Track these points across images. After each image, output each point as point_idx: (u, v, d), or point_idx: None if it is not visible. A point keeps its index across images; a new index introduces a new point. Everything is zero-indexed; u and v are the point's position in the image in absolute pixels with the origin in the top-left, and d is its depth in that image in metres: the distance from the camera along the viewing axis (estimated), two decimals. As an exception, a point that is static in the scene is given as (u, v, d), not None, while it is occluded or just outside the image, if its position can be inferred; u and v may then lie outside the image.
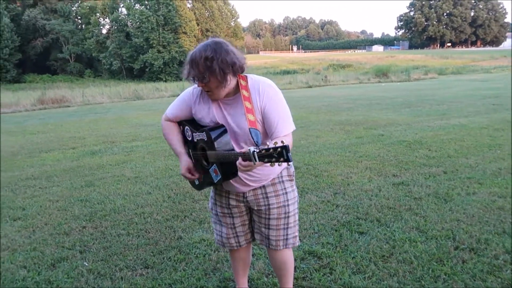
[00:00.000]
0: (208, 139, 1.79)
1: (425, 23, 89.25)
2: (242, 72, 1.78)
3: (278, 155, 1.43)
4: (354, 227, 3.19)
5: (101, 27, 53.89)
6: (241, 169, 1.59)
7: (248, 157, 1.51)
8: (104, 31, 54.18)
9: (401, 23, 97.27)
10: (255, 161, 1.48)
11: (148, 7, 49.93)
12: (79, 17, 55.08)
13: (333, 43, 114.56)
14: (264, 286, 2.47)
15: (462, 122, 7.90)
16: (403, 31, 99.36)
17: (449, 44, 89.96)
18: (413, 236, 2.99)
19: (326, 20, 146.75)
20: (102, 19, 54.48)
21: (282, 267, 2.11)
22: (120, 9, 52.31)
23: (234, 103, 1.82)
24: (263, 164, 1.48)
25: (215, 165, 1.80)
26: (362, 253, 2.78)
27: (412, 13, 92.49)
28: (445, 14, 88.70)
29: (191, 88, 1.93)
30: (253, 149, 1.48)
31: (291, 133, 1.83)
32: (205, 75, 1.69)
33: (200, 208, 3.83)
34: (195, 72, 1.70)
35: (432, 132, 6.96)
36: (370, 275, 2.51)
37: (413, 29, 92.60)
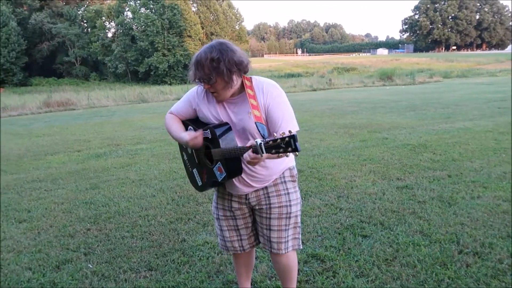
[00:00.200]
0: (212, 136, 1.79)
1: (430, 26, 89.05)
2: (246, 72, 1.80)
3: (286, 145, 1.41)
4: (357, 231, 3.19)
5: (107, 31, 54.21)
6: (249, 161, 1.57)
7: (255, 150, 1.50)
8: (110, 34, 54.53)
9: (406, 26, 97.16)
10: (262, 152, 1.46)
11: (153, 10, 50.13)
12: (85, 21, 55.44)
13: (338, 46, 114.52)
14: (267, 289, 2.47)
15: (467, 125, 7.87)
16: (408, 34, 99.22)
17: (454, 47, 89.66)
18: (417, 239, 2.98)
19: (331, 24, 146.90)
20: (107, 22, 54.85)
21: (285, 270, 2.11)
22: (125, 13, 52.61)
23: (238, 102, 1.84)
24: (271, 156, 1.46)
25: (219, 163, 1.79)
26: (366, 256, 2.77)
27: (417, 16, 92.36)
28: (450, 17, 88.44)
29: (195, 87, 1.94)
30: (260, 141, 1.47)
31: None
32: (211, 76, 1.70)
33: (204, 210, 3.84)
34: (201, 73, 1.71)
35: (436, 136, 6.94)
36: (373, 279, 2.50)
37: (418, 32, 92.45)
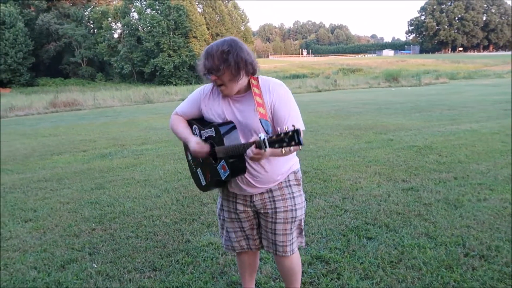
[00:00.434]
0: (217, 134, 1.80)
1: (436, 27, 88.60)
2: (254, 73, 1.83)
3: (289, 139, 1.41)
4: (362, 232, 3.17)
5: (113, 32, 54.47)
6: (252, 156, 1.58)
7: (258, 145, 1.50)
8: (116, 35, 54.80)
9: (412, 27, 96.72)
10: (266, 147, 1.46)
11: (159, 11, 50.33)
12: (91, 22, 55.78)
13: (343, 48, 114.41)
14: (271, 290, 2.47)
15: (473, 127, 7.81)
16: (413, 35, 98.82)
17: (461, 48, 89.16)
18: (422, 242, 2.96)
19: (336, 25, 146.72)
20: (113, 23, 55.09)
21: (289, 272, 2.11)
22: (131, 14, 52.87)
23: (244, 99, 1.85)
24: (274, 151, 1.46)
25: (223, 161, 1.80)
26: (370, 258, 2.76)
27: (423, 17, 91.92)
28: (456, 18, 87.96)
29: (201, 87, 1.98)
30: (263, 136, 1.47)
31: None
32: (220, 67, 1.73)
33: (208, 211, 3.84)
34: (210, 64, 1.74)
35: (442, 137, 6.89)
36: (378, 281, 2.49)
37: (424, 33, 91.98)
